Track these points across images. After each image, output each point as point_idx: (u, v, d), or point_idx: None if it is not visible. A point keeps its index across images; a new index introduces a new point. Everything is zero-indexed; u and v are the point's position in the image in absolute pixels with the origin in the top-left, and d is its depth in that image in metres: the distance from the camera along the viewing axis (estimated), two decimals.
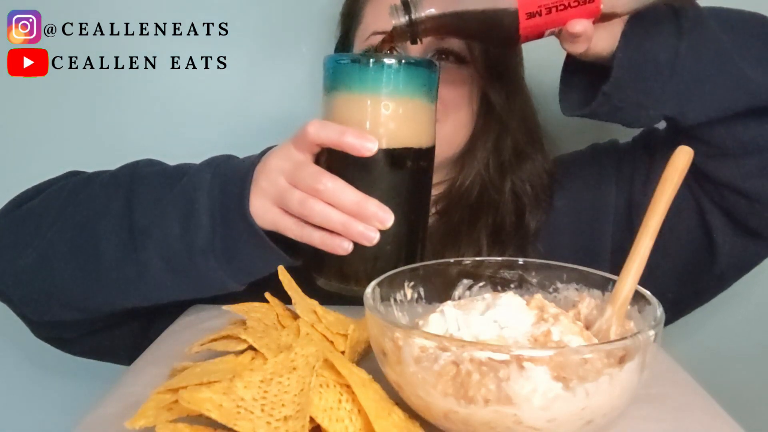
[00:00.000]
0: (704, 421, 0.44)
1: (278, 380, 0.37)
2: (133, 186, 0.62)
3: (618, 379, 0.36)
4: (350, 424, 0.36)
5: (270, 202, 0.56)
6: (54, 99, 0.99)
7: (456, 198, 0.79)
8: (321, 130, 0.53)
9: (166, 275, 0.59)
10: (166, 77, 0.99)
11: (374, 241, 0.53)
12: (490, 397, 0.35)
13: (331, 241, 0.54)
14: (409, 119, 0.55)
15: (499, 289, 0.52)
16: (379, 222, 0.53)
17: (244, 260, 0.59)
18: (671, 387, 0.48)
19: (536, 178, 0.80)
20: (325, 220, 0.53)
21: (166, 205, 0.59)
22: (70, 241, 0.62)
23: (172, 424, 0.35)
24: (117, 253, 0.60)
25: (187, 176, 0.61)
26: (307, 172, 0.54)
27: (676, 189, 0.45)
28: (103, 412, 0.44)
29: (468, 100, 0.76)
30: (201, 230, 0.57)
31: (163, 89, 1.00)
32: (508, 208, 0.78)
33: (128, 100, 1.00)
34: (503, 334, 0.42)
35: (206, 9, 0.98)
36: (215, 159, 0.63)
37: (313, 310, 0.50)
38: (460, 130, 0.77)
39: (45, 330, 0.75)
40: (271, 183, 0.55)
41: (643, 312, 0.43)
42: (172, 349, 0.54)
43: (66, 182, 0.68)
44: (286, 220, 0.56)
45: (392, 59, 0.54)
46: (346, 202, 0.53)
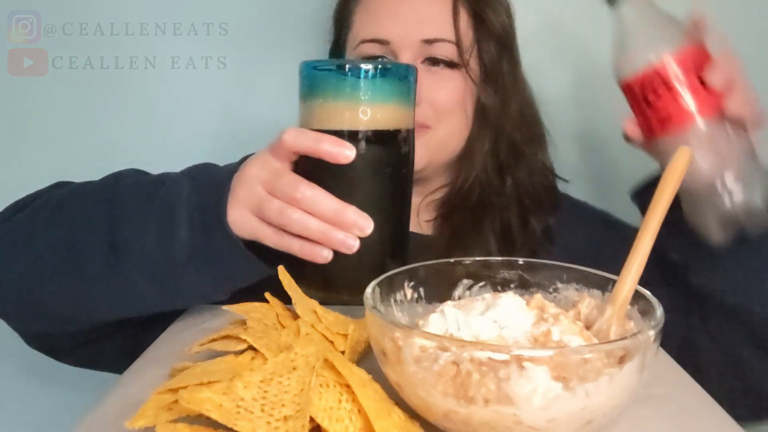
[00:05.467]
0: (704, 422, 0.44)
1: (278, 380, 0.37)
2: (114, 199, 0.62)
3: (618, 379, 0.36)
4: (350, 424, 0.36)
5: (248, 211, 0.55)
6: (54, 99, 0.99)
7: (457, 202, 0.79)
8: (298, 138, 0.53)
9: (148, 288, 0.59)
10: (166, 77, 0.99)
11: (354, 249, 0.53)
12: (490, 397, 0.35)
13: (310, 250, 0.53)
14: (379, 124, 0.54)
15: (499, 289, 0.52)
16: (358, 230, 0.53)
17: (225, 271, 0.58)
18: (671, 387, 0.48)
19: (537, 176, 0.79)
20: (303, 228, 0.53)
21: (146, 217, 0.58)
22: (55, 255, 0.62)
23: (172, 424, 0.34)
24: (100, 267, 0.59)
25: (165, 186, 0.60)
26: (284, 181, 0.53)
27: (676, 189, 0.45)
28: (103, 412, 0.43)
29: (461, 104, 0.76)
30: (180, 243, 0.57)
31: (162, 89, 1.00)
32: (512, 209, 0.78)
33: (128, 100, 1.00)
34: (503, 334, 0.42)
35: (206, 9, 0.98)
36: (194, 168, 0.62)
37: (313, 310, 0.50)
38: (454, 135, 0.77)
39: (37, 341, 0.75)
40: (248, 192, 0.55)
41: (643, 312, 0.43)
42: (172, 349, 0.54)
43: (51, 195, 0.68)
44: (265, 229, 0.55)
45: (367, 65, 0.54)
46: (325, 211, 0.52)
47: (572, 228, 0.79)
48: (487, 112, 0.77)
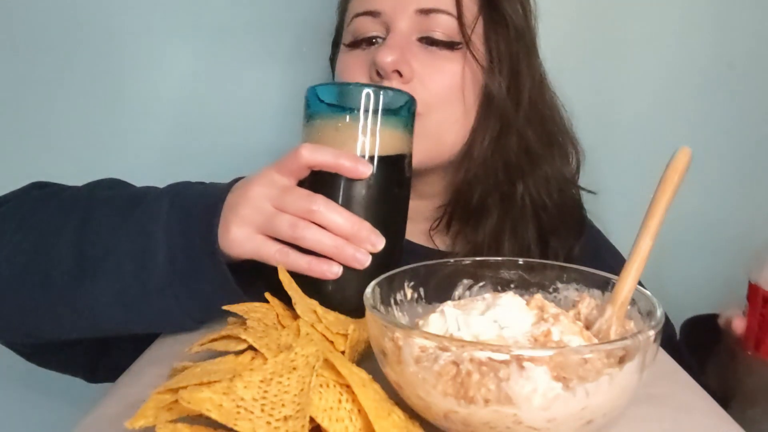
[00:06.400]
0: (704, 422, 0.44)
1: (278, 380, 0.37)
2: (88, 211, 0.58)
3: (618, 379, 0.36)
4: (350, 424, 0.36)
5: (253, 230, 0.53)
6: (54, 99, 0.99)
7: (462, 207, 0.72)
8: (315, 152, 0.53)
9: (116, 309, 0.55)
10: (166, 77, 0.99)
11: (366, 264, 0.52)
12: (490, 397, 0.35)
13: (319, 266, 0.52)
14: (387, 149, 0.56)
15: (499, 289, 0.52)
16: (371, 245, 0.52)
17: (204, 299, 0.55)
18: (671, 387, 0.48)
19: (555, 186, 0.72)
20: (317, 242, 0.52)
21: (120, 236, 0.55)
22: (20, 265, 0.58)
23: (172, 424, 0.34)
24: (67, 282, 0.55)
25: (143, 205, 0.56)
26: (296, 195, 0.52)
27: (676, 189, 0.45)
28: (103, 412, 0.44)
29: (458, 90, 0.68)
30: (157, 268, 0.53)
31: (162, 89, 1.00)
32: (527, 223, 0.71)
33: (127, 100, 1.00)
34: (503, 334, 0.42)
35: (205, 9, 0.98)
36: (174, 187, 0.59)
37: (313, 310, 0.50)
38: (450, 125, 0.69)
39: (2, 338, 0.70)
40: (255, 210, 0.53)
41: (643, 312, 0.43)
42: (172, 349, 0.54)
43: (26, 198, 0.64)
44: (270, 247, 0.53)
45: (369, 95, 0.54)
46: (342, 224, 0.52)
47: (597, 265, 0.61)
48: (493, 101, 0.68)
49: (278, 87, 1.01)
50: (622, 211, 0.84)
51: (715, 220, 1.02)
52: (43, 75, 0.98)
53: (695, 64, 0.99)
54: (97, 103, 0.99)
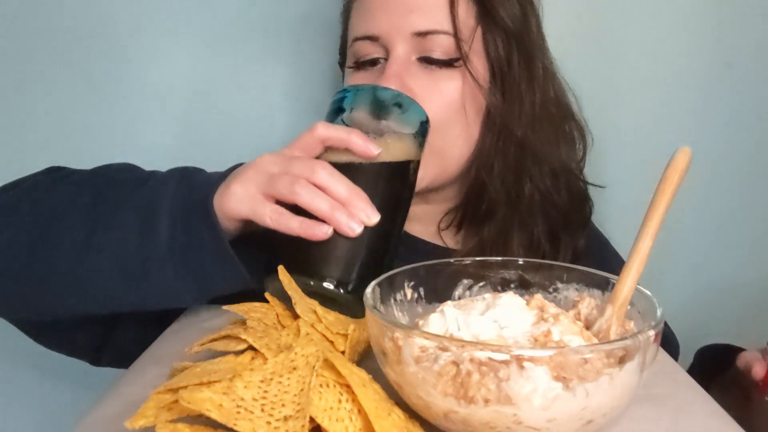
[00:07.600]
0: (704, 421, 0.44)
1: (278, 380, 0.37)
2: (101, 188, 0.61)
3: (618, 379, 0.36)
4: (350, 424, 0.36)
5: (253, 187, 0.54)
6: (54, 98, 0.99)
7: (474, 211, 0.74)
8: (329, 129, 0.56)
9: (117, 283, 0.57)
10: (165, 77, 0.99)
11: (357, 232, 0.53)
12: (490, 397, 0.35)
13: (310, 227, 0.53)
14: (398, 153, 0.59)
15: (499, 289, 0.52)
16: (365, 216, 0.53)
17: (203, 272, 0.56)
18: (671, 387, 0.48)
19: (562, 179, 0.73)
20: (311, 200, 0.52)
21: (127, 210, 0.57)
22: (30, 239, 0.60)
23: (172, 424, 0.34)
24: (73, 253, 0.57)
25: (150, 183, 0.59)
26: (302, 161, 0.55)
27: (676, 189, 0.45)
28: (103, 412, 0.44)
29: (459, 108, 0.69)
30: (159, 237, 0.55)
31: (162, 89, 1.00)
32: (537, 221, 0.73)
33: (127, 100, 1.00)
34: (503, 334, 0.42)
35: (205, 9, 0.98)
36: (184, 169, 0.61)
37: (313, 310, 0.50)
38: (454, 142, 0.71)
39: None
40: (259, 171, 0.55)
41: (643, 312, 0.43)
42: (172, 349, 0.53)
43: (43, 179, 0.67)
44: (266, 207, 0.54)
45: (390, 112, 0.60)
46: (340, 189, 0.53)
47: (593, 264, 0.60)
48: (496, 111, 0.70)
49: (280, 85, 1.01)
50: (621, 210, 0.84)
51: (715, 220, 1.02)
52: (43, 75, 0.98)
53: (695, 64, 0.99)
54: (98, 104, 0.99)
